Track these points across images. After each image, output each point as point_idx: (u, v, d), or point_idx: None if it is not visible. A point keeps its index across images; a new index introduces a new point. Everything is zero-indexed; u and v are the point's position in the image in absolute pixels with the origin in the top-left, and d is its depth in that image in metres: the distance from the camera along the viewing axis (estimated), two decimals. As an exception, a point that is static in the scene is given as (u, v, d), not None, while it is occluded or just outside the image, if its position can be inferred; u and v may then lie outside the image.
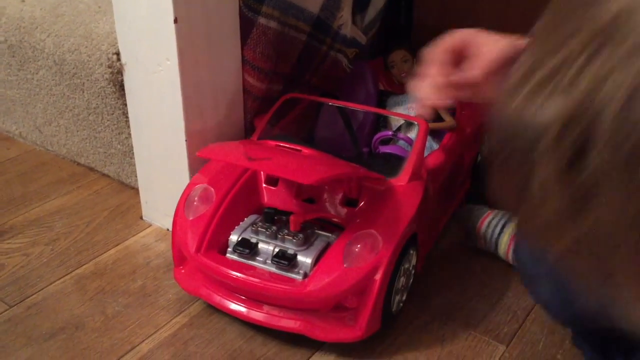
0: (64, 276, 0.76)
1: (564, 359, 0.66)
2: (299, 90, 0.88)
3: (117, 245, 0.82)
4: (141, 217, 0.88)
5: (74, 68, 0.86)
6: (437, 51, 0.50)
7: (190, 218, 0.70)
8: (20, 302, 0.72)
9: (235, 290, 0.68)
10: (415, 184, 0.70)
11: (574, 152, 0.24)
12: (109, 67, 0.81)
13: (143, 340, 0.67)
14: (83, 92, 0.88)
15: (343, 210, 0.71)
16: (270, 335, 0.67)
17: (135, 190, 0.92)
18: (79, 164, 1.00)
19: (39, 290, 0.74)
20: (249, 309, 0.67)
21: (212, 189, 0.71)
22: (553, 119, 0.24)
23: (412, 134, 0.85)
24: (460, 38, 0.50)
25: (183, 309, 0.71)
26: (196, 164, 0.77)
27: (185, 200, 0.72)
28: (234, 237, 0.68)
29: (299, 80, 0.90)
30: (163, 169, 0.81)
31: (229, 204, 0.70)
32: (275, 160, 0.66)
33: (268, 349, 0.66)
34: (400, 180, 0.70)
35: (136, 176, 0.87)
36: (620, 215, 0.23)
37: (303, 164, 0.66)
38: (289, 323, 0.65)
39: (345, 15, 0.90)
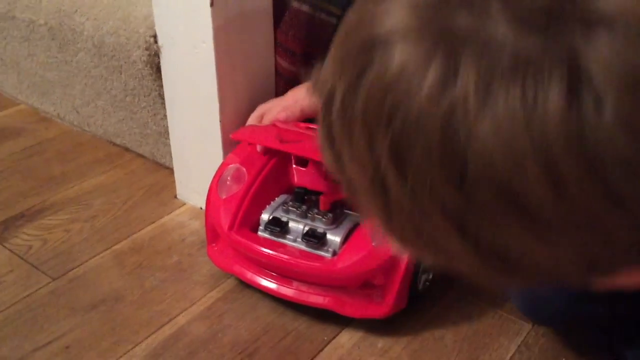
0: (103, 251, 0.80)
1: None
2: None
3: (152, 222, 0.85)
4: (175, 196, 0.90)
5: (112, 50, 0.89)
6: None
7: (223, 197, 0.72)
8: (63, 275, 0.76)
9: (266, 267, 0.70)
10: None
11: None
12: (146, 49, 0.83)
13: (180, 313, 0.70)
14: (121, 74, 0.91)
15: None
16: (300, 311, 0.69)
17: (169, 169, 0.94)
18: (114, 144, 1.03)
19: (80, 265, 0.77)
20: (280, 285, 0.69)
21: (244, 169, 0.73)
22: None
23: None
24: (260, 112, 0.77)
25: (217, 284, 0.74)
26: (229, 144, 0.79)
27: (218, 179, 0.74)
28: (265, 216, 0.70)
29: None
30: (197, 149, 0.83)
31: (260, 184, 0.72)
32: (306, 142, 0.67)
33: (299, 323, 0.69)
34: None
35: (170, 156, 0.90)
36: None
37: None
38: (318, 299, 0.67)
39: (375, -2, 0.91)
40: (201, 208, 0.87)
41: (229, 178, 0.74)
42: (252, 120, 0.78)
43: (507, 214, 0.27)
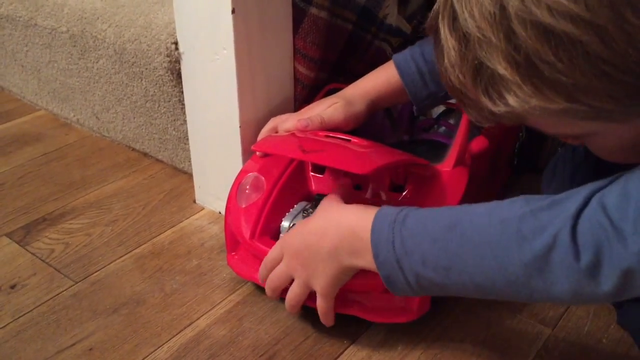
0: (124, 255, 0.81)
1: (610, 343, 0.67)
2: (343, 79, 0.90)
3: (172, 227, 0.86)
4: (194, 201, 0.91)
5: (133, 57, 0.90)
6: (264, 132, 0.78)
7: (243, 206, 0.72)
8: (85, 278, 0.77)
9: None
10: (460, 169, 0.71)
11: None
12: (167, 56, 0.84)
13: (201, 316, 0.71)
14: (141, 80, 0.92)
15: (390, 196, 0.73)
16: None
17: (188, 175, 0.95)
18: (133, 149, 1.04)
19: (101, 268, 0.78)
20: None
21: (263, 178, 0.74)
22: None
23: (453, 121, 0.86)
24: (273, 126, 0.77)
25: (237, 288, 0.75)
26: (249, 150, 0.80)
27: (237, 188, 0.75)
28: (285, 224, 0.71)
29: (343, 68, 0.92)
30: (217, 154, 0.84)
31: (279, 192, 0.73)
32: (329, 152, 0.67)
33: (319, 327, 0.69)
34: (446, 165, 0.71)
35: (189, 161, 0.91)
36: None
37: (356, 154, 0.68)
38: (343, 305, 0.67)
39: (391, 4, 0.92)
40: (220, 212, 0.88)
41: (247, 186, 0.74)
42: (264, 132, 0.78)
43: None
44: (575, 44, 0.41)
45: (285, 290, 0.66)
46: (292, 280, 0.65)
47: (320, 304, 0.64)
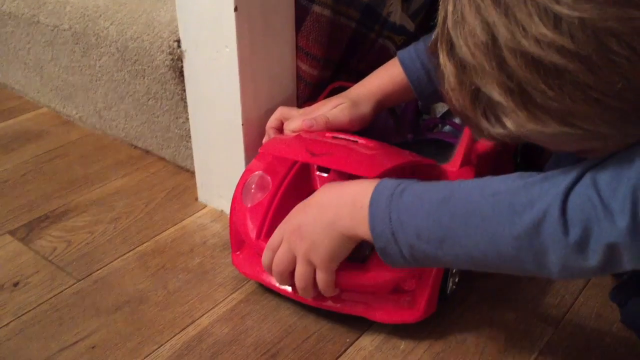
0: (126, 253, 0.81)
1: (613, 343, 0.67)
2: (346, 77, 0.90)
3: (175, 224, 0.86)
4: (196, 199, 0.91)
5: (135, 55, 0.90)
6: (270, 126, 0.78)
7: (249, 205, 0.72)
8: (87, 276, 0.77)
9: None
10: (467, 169, 0.71)
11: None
12: (170, 54, 0.84)
13: (203, 314, 0.71)
14: (144, 78, 0.92)
15: None
16: (322, 313, 0.70)
17: (190, 172, 0.95)
18: (136, 147, 1.04)
19: (104, 266, 0.78)
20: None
21: (268, 177, 0.74)
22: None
23: (457, 120, 0.86)
24: (279, 116, 0.78)
25: (239, 286, 0.75)
26: (251, 148, 0.80)
27: (242, 187, 0.74)
28: None
29: (347, 66, 0.92)
30: (219, 152, 0.84)
31: (285, 191, 0.72)
32: (337, 154, 0.67)
33: (321, 325, 0.69)
34: (452, 165, 0.71)
35: (192, 159, 0.91)
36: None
37: (364, 156, 0.67)
38: (349, 306, 0.67)
39: (394, 2, 0.92)
40: (222, 210, 0.88)
41: (253, 186, 0.74)
42: (272, 122, 0.79)
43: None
44: (563, 73, 0.42)
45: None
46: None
47: (321, 277, 0.63)
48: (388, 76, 0.76)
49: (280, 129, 0.77)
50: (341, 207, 0.59)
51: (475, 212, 0.51)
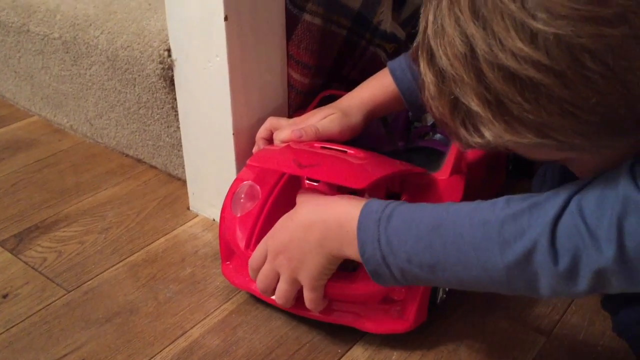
0: (117, 263, 0.80)
1: (605, 351, 0.67)
2: (338, 85, 0.90)
3: (166, 234, 0.86)
4: (188, 208, 0.91)
5: (126, 64, 0.90)
6: (260, 137, 0.78)
7: (238, 215, 0.72)
8: (77, 287, 0.76)
9: None
10: (457, 177, 0.71)
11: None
12: (160, 63, 0.84)
13: (194, 326, 0.70)
14: (134, 86, 0.91)
15: None
16: (314, 324, 0.69)
17: (181, 181, 0.95)
18: (127, 155, 1.04)
19: (95, 277, 0.78)
20: (301, 303, 0.67)
21: (258, 186, 0.73)
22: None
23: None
24: (269, 126, 0.78)
25: (230, 297, 0.74)
26: (242, 157, 0.80)
27: (232, 197, 0.74)
28: None
29: (338, 74, 0.92)
30: (210, 161, 0.84)
31: (275, 201, 0.72)
32: (325, 165, 0.67)
33: (313, 336, 0.69)
34: (442, 174, 0.71)
35: (183, 168, 0.90)
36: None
37: (352, 167, 0.67)
38: (339, 316, 0.67)
39: (385, 10, 0.92)
40: (214, 220, 0.88)
41: (242, 195, 0.74)
42: (261, 132, 0.78)
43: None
44: (539, 86, 0.43)
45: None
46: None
47: (309, 295, 0.64)
48: (379, 86, 0.76)
49: (270, 139, 0.77)
50: (328, 229, 0.59)
51: (466, 241, 0.51)
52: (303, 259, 0.61)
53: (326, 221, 0.60)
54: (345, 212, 0.59)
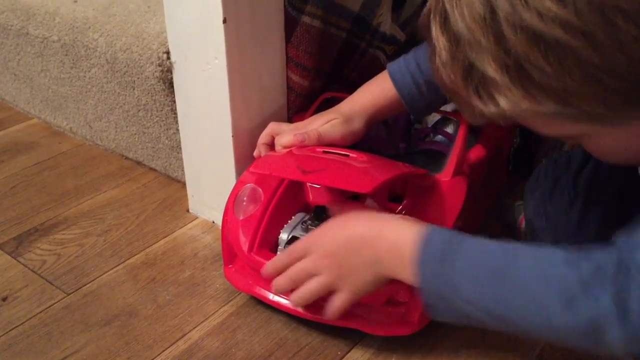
0: (116, 266, 0.80)
1: (605, 355, 0.66)
2: (337, 87, 0.90)
3: (165, 236, 0.86)
4: (187, 210, 0.91)
5: (125, 66, 0.90)
6: (261, 143, 0.77)
7: (241, 218, 0.72)
8: (77, 290, 0.76)
9: None
10: (459, 179, 0.71)
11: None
12: (159, 65, 0.84)
13: (193, 328, 0.70)
14: (133, 89, 0.91)
15: (388, 207, 0.72)
16: (313, 326, 0.69)
17: (181, 183, 0.95)
18: (127, 158, 1.03)
19: (94, 279, 0.78)
20: (305, 306, 0.67)
21: (260, 189, 0.73)
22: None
23: (449, 129, 0.86)
24: (270, 131, 0.77)
25: (230, 299, 0.74)
26: (242, 159, 0.80)
27: (234, 199, 0.74)
28: (284, 235, 0.70)
29: (338, 76, 0.92)
30: (210, 163, 0.84)
31: (277, 203, 0.72)
32: (328, 171, 0.66)
33: (312, 338, 0.69)
34: (445, 175, 0.71)
35: (182, 170, 0.90)
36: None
37: (356, 171, 0.67)
38: (344, 319, 0.66)
39: (384, 12, 0.92)
40: (213, 222, 0.88)
41: (245, 198, 0.73)
42: (263, 137, 0.78)
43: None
44: (565, 49, 0.41)
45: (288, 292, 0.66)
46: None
47: (343, 299, 0.61)
48: (379, 90, 0.76)
49: (271, 145, 0.77)
50: (386, 252, 0.57)
51: (528, 295, 0.49)
52: (352, 271, 0.60)
53: (383, 239, 0.58)
54: (403, 235, 0.57)
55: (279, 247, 0.70)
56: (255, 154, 0.79)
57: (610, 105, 0.43)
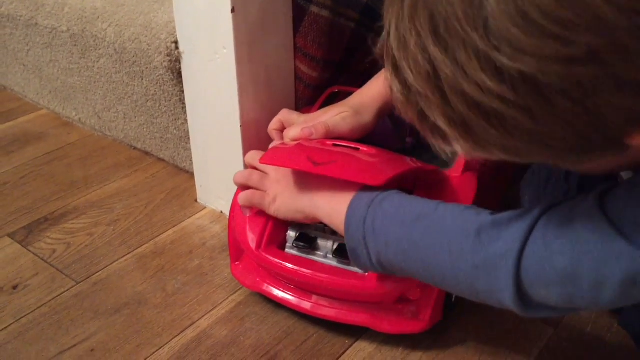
0: (125, 255, 0.81)
1: (613, 343, 0.67)
2: (346, 78, 0.89)
3: (174, 226, 0.86)
4: (196, 200, 0.91)
5: (134, 56, 0.90)
6: (272, 129, 0.77)
7: (248, 214, 0.72)
8: (86, 278, 0.77)
9: (299, 285, 0.69)
10: (469, 174, 0.71)
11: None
12: (168, 55, 0.84)
13: (202, 316, 0.71)
14: (142, 79, 0.92)
15: None
16: (321, 315, 0.70)
17: (189, 174, 0.95)
18: (135, 148, 1.04)
19: (103, 268, 0.78)
20: (315, 304, 0.68)
21: None
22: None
23: None
24: (281, 118, 0.77)
25: (238, 288, 0.75)
26: (250, 149, 0.79)
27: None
28: (292, 233, 0.69)
29: (347, 67, 0.92)
30: (218, 153, 0.84)
31: None
32: (339, 163, 0.66)
33: (320, 326, 0.69)
34: (455, 171, 0.71)
35: (191, 160, 0.91)
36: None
37: (366, 165, 0.66)
38: (355, 317, 0.67)
39: (394, 2, 0.91)
40: (222, 212, 0.88)
41: None
42: (274, 124, 0.77)
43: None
44: (505, 117, 0.40)
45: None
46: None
47: (260, 202, 0.69)
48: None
49: (282, 131, 0.76)
50: (328, 196, 0.63)
51: (443, 236, 0.54)
52: (289, 198, 0.66)
53: (331, 189, 0.63)
54: (348, 192, 0.62)
55: (287, 244, 0.69)
56: (272, 144, 0.78)
57: (554, 157, 0.44)
